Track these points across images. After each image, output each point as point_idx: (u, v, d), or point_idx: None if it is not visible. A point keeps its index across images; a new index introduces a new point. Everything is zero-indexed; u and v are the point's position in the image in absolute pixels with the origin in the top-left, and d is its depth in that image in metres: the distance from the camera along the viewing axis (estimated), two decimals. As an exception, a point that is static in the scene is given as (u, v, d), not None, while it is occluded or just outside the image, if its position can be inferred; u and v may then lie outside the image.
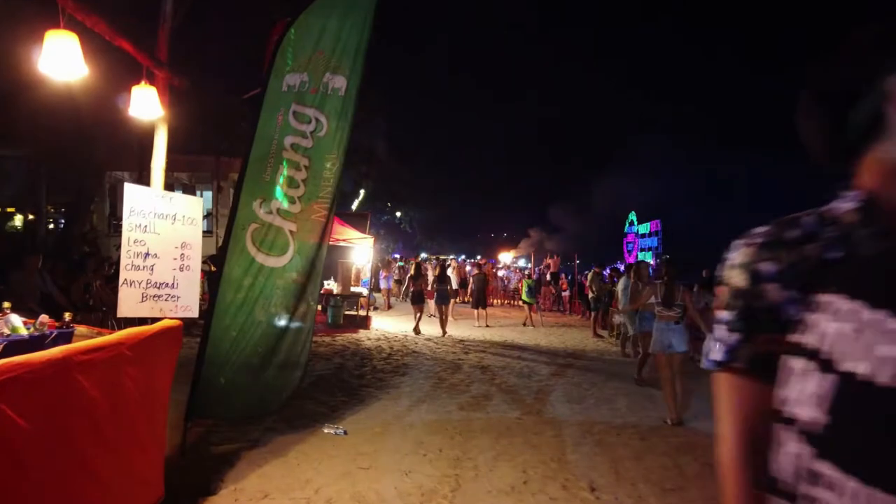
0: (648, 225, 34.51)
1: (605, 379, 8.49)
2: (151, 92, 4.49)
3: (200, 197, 8.98)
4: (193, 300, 3.88)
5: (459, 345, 11.46)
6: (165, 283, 3.62)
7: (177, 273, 3.71)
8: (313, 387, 7.05)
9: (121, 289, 3.51)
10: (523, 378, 8.23)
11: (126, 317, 3.76)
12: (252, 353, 4.92)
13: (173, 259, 3.71)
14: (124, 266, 3.52)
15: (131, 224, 3.55)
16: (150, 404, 2.97)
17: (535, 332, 14.54)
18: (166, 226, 3.69)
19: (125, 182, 3.72)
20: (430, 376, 8.03)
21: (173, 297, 3.65)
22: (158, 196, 3.75)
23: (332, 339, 10.82)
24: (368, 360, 8.99)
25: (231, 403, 4.87)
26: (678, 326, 6.59)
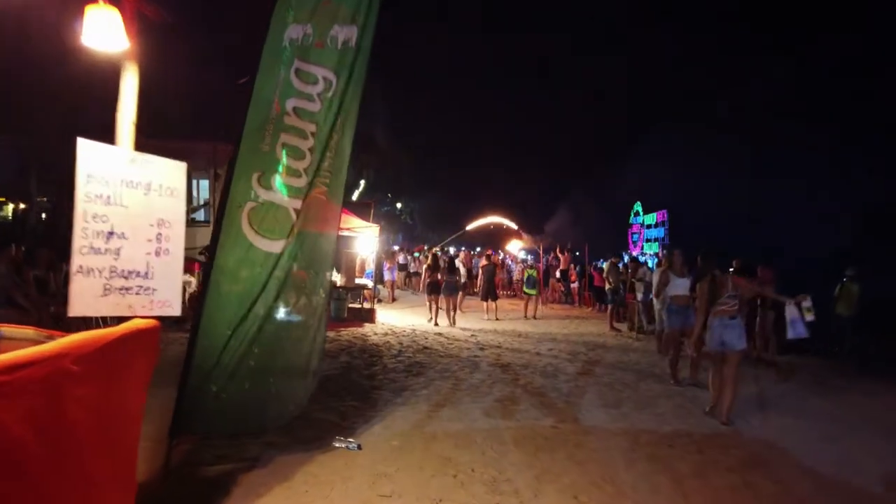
0: (654, 215, 33.72)
1: (636, 378, 7.71)
2: (113, 16, 3.55)
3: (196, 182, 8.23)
4: (174, 294, 3.06)
5: (472, 339, 10.67)
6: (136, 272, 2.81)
7: (152, 259, 2.89)
8: (320, 389, 6.23)
9: (73, 279, 2.69)
10: (549, 378, 7.44)
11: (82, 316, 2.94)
12: (250, 356, 4.12)
13: (147, 240, 2.89)
14: (78, 249, 2.68)
15: (89, 194, 2.72)
16: (111, 435, 2.19)
17: (547, 324, 13.76)
18: (137, 197, 2.86)
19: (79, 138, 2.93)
20: (446, 376, 7.25)
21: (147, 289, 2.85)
22: (127, 158, 2.92)
23: (336, 334, 10.03)
24: (378, 357, 8.20)
25: (225, 416, 4.07)
26: (733, 322, 5.83)
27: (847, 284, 12.27)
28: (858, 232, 17.53)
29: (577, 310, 18.57)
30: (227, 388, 4.01)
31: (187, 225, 3.99)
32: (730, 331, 5.79)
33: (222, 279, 4.07)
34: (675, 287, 7.31)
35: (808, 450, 5.06)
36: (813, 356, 10.24)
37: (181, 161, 3.98)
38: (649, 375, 7.94)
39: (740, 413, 6.04)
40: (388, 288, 17.02)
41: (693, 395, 6.80)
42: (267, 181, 4.35)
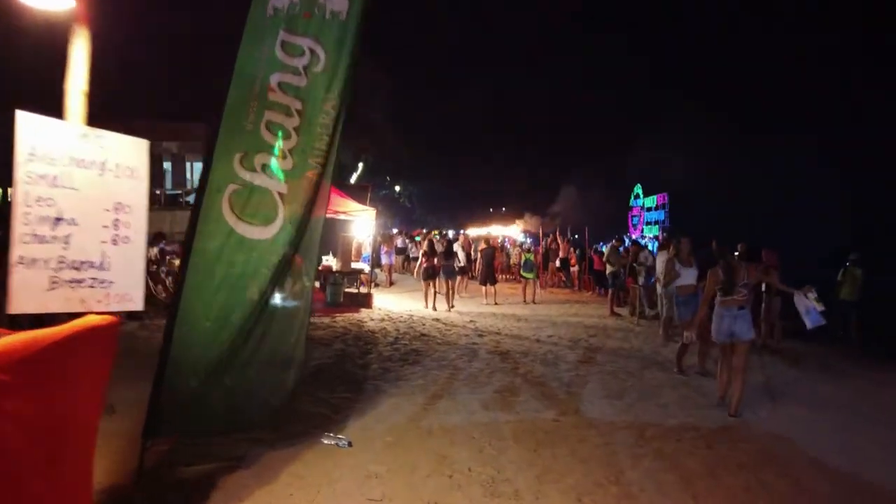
0: (655, 198, 33.35)
1: (640, 366, 7.45)
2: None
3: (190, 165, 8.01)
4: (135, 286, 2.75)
5: (471, 325, 10.41)
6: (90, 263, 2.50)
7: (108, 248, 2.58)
8: (312, 379, 6.00)
9: (13, 271, 2.38)
10: (549, 366, 7.18)
11: (23, 313, 2.61)
12: (233, 348, 3.84)
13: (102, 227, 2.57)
14: (19, 237, 2.35)
15: (31, 174, 2.38)
16: (55, 452, 1.90)
17: (547, 309, 13.50)
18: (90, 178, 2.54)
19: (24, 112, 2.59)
20: (444, 365, 6.99)
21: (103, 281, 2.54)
22: (77, 133, 2.59)
23: (331, 321, 9.77)
24: (373, 345, 7.94)
25: (205, 414, 3.80)
26: (742, 312, 5.57)
27: (850, 269, 12.01)
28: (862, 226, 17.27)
29: (576, 294, 18.32)
30: (208, 383, 3.73)
31: (181, 208, 3.72)
32: (740, 321, 5.54)
33: (201, 267, 3.78)
34: (682, 277, 7.01)
35: (821, 444, 4.80)
36: (817, 342, 9.99)
37: (174, 141, 3.70)
38: (653, 363, 7.68)
39: (748, 403, 5.79)
40: (386, 272, 16.75)
41: (698, 385, 6.55)
42: (250, 162, 4.04)
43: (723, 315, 5.61)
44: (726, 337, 5.57)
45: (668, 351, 8.60)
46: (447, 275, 12.78)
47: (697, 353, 7.22)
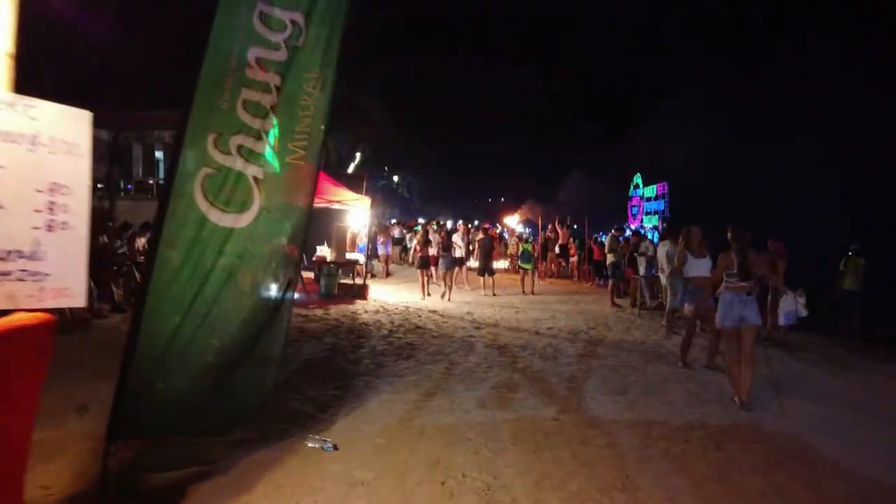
0: (654, 187, 32.98)
1: (643, 360, 7.15)
2: None
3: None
4: (76, 278, 2.42)
5: (468, 317, 10.11)
6: (18, 252, 2.17)
7: (41, 235, 2.25)
8: (300, 375, 5.70)
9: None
10: (549, 361, 6.88)
11: None
12: (204, 346, 3.53)
13: (34, 211, 2.23)
14: (-72, 221, 2.06)
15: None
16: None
17: (546, 300, 13.20)
18: (19, 154, 2.18)
19: None
20: (439, 359, 6.68)
21: (35, 274, 2.21)
22: (1, 101, 2.25)
23: (324, 313, 9.46)
24: (366, 338, 7.63)
25: (175, 417, 3.48)
26: (750, 298, 5.44)
27: (852, 258, 11.72)
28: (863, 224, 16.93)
29: (575, 284, 18.02)
30: (177, 385, 3.42)
31: (155, 198, 3.41)
32: (749, 307, 5.45)
33: (171, 258, 3.45)
34: (694, 268, 6.69)
35: (834, 443, 4.51)
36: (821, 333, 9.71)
37: (166, 130, 3.39)
38: (656, 357, 7.39)
39: (756, 399, 5.51)
40: (383, 263, 16.43)
41: (705, 381, 6.25)
42: (225, 144, 3.70)
43: (732, 300, 5.47)
44: (735, 322, 5.43)
45: (672, 344, 8.31)
46: (446, 266, 12.52)
47: (707, 348, 6.93)
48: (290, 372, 5.74)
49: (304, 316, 8.88)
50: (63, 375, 5.34)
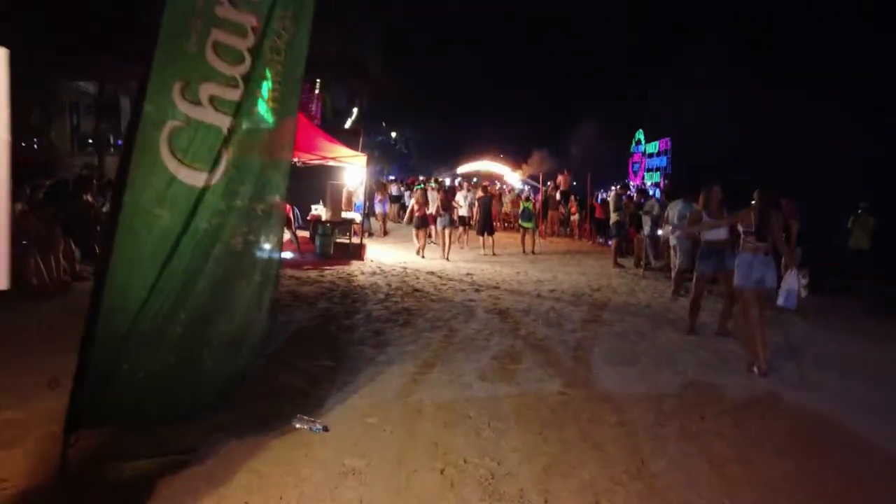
0: (657, 144, 32.27)
1: (651, 326, 6.82)
2: None
3: None
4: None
5: (467, 279, 9.75)
6: None
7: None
8: (290, 345, 5.36)
9: None
10: (553, 327, 6.54)
11: None
12: (175, 321, 3.14)
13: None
14: None
15: None
16: None
17: (547, 261, 12.85)
18: None
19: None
20: (438, 326, 6.34)
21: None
22: None
23: (319, 274, 9.09)
24: (362, 303, 7.27)
25: (142, 402, 3.13)
26: (768, 259, 5.34)
27: (862, 216, 11.32)
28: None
29: (577, 243, 17.64)
30: (146, 366, 3.05)
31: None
32: (769, 268, 5.27)
33: (136, 224, 3.03)
34: (711, 231, 6.29)
35: (863, 420, 4.19)
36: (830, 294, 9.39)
37: None
38: (664, 322, 7.06)
39: (773, 368, 5.19)
40: (380, 221, 15.98)
41: (716, 348, 5.93)
42: (194, 93, 3.23)
43: (751, 261, 5.24)
44: (755, 283, 5.23)
45: (679, 307, 7.98)
46: (443, 224, 12.14)
47: (720, 314, 6.58)
48: (280, 341, 5.39)
49: (297, 278, 8.51)
50: (36, 345, 5.00)
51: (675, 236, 8.69)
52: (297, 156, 11.61)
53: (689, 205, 8.65)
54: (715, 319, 6.71)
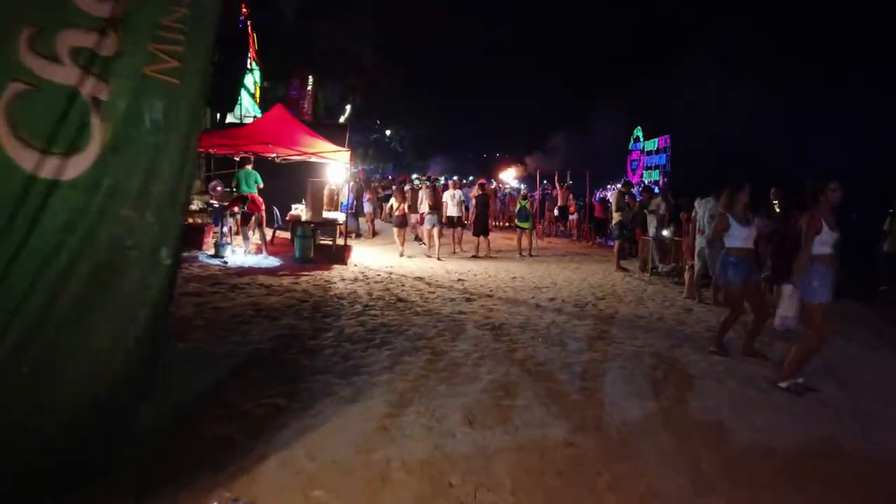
0: (656, 141, 31.32)
1: (667, 343, 5.84)
2: None
3: None
4: None
5: (459, 286, 8.76)
6: None
7: None
8: (235, 377, 4.34)
9: None
10: (555, 347, 5.54)
11: None
12: (18, 373, 2.14)
13: None
14: None
15: None
16: None
17: (545, 264, 11.86)
18: None
19: None
20: (419, 347, 5.32)
21: None
22: None
23: (293, 282, 8.07)
24: (335, 317, 6.25)
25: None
26: None
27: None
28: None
29: (576, 244, 16.67)
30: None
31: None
32: None
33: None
34: (735, 237, 5.30)
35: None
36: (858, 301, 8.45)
37: None
38: (682, 338, 6.07)
39: (819, 399, 4.21)
40: (368, 222, 14.96)
41: (746, 374, 4.94)
42: (49, 45, 2.23)
43: (827, 274, 4.43)
44: (828, 298, 4.44)
45: (694, 320, 7.01)
46: (432, 224, 11.64)
47: (747, 332, 5.61)
48: (224, 371, 4.38)
49: (266, 287, 7.49)
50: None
51: (701, 241, 7.79)
52: (274, 151, 10.60)
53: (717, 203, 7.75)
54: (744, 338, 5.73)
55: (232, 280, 7.79)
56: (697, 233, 7.91)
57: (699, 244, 7.87)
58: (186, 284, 7.18)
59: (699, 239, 7.88)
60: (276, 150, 10.36)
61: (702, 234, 7.77)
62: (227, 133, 10.63)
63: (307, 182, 10.95)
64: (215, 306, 6.24)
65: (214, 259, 9.39)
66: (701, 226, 7.81)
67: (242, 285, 7.43)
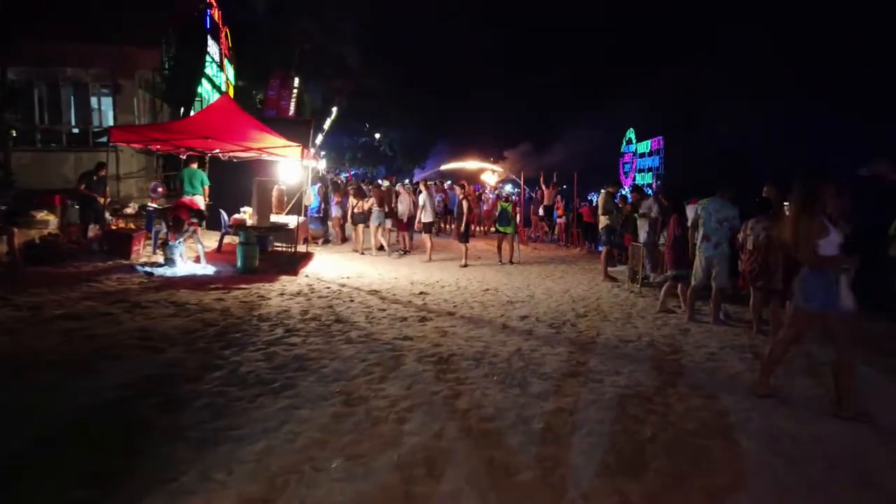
0: (649, 143, 30.04)
1: (659, 379, 4.52)
2: None
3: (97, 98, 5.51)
4: None
5: (418, 301, 7.43)
6: None
7: None
8: (42, 447, 3.00)
9: None
10: (512, 390, 4.19)
11: None
12: None
13: None
14: None
15: None
16: None
17: (526, 272, 10.54)
18: None
19: None
20: (331, 393, 3.96)
21: None
22: None
23: (217, 298, 6.70)
24: (239, 347, 4.88)
25: None
26: None
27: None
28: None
29: (563, 250, 15.36)
30: None
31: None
32: None
33: None
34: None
35: None
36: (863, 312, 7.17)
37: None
38: (676, 372, 4.76)
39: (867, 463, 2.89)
40: (336, 227, 13.60)
41: (771, 429, 3.61)
42: None
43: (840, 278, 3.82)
44: None
45: (692, 344, 5.70)
46: (378, 221, 11.73)
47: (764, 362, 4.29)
48: (24, 439, 3.04)
49: (179, 305, 6.14)
50: None
51: (708, 248, 6.47)
52: (215, 146, 9.27)
53: (725, 204, 6.49)
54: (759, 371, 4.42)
55: (144, 296, 6.45)
56: (700, 239, 6.60)
57: (705, 252, 6.57)
58: (78, 304, 5.84)
59: (703, 246, 6.57)
60: (217, 146, 9.03)
61: (707, 240, 6.48)
62: (161, 126, 9.28)
63: (249, 181, 9.60)
64: (90, 334, 4.88)
65: (150, 268, 8.04)
66: (707, 230, 6.50)
67: (148, 304, 6.08)
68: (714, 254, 6.45)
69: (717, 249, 6.44)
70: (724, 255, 6.47)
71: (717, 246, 6.45)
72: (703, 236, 6.55)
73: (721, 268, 6.49)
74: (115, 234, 8.67)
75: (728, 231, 6.44)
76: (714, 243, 6.44)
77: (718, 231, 6.43)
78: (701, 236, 6.58)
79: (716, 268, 6.49)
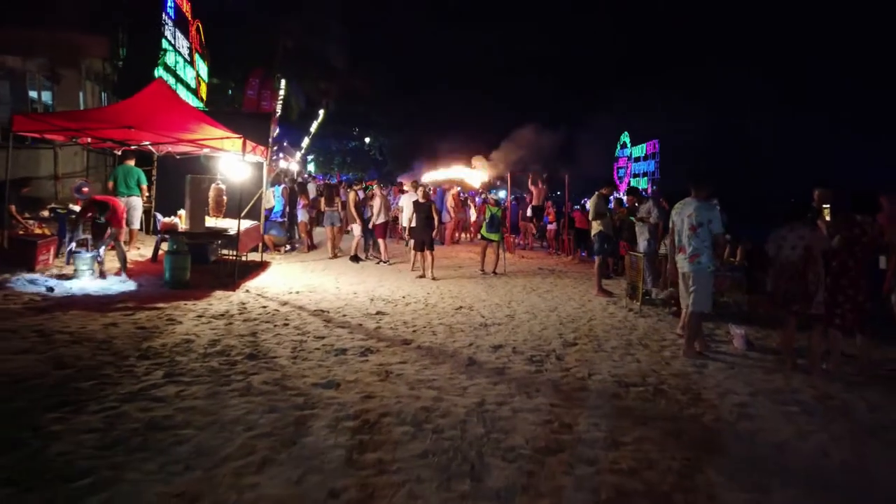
0: (644, 147, 28.73)
1: (682, 453, 3.06)
2: None
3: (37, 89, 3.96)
4: None
5: (371, 322, 5.98)
6: None
7: None
8: None
9: None
10: (458, 487, 2.73)
11: None
12: None
13: None
14: None
15: None
16: None
17: (509, 286, 9.09)
18: None
19: None
20: (171, 494, 2.51)
21: None
22: None
23: (110, 323, 5.22)
24: (76, 405, 3.40)
25: None
26: None
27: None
28: None
29: (553, 258, 13.92)
30: None
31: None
32: None
33: None
34: None
35: None
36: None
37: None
38: (701, 441, 3.30)
39: None
40: (303, 233, 12.11)
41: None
42: None
43: None
44: None
45: (713, 387, 4.25)
46: (331, 222, 11.00)
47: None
48: None
49: (44, 334, 4.65)
50: None
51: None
52: (139, 138, 7.78)
53: (702, 205, 5.12)
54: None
55: (11, 321, 4.97)
56: (677, 250, 5.26)
57: (680, 267, 5.21)
58: None
59: (678, 259, 5.22)
60: (142, 137, 7.56)
61: (683, 252, 5.14)
62: (74, 114, 7.80)
63: (181, 179, 8.10)
64: None
65: (55, 282, 6.57)
66: (680, 241, 5.17)
67: (5, 332, 4.60)
68: (690, 269, 5.08)
69: (693, 263, 5.07)
70: (703, 270, 5.08)
71: (692, 258, 5.08)
72: (678, 247, 5.21)
73: (700, 286, 5.09)
74: (18, 241, 7.18)
75: (707, 239, 5.06)
76: (689, 255, 5.07)
77: (693, 239, 5.06)
78: (676, 247, 5.26)
79: (692, 286, 5.09)
